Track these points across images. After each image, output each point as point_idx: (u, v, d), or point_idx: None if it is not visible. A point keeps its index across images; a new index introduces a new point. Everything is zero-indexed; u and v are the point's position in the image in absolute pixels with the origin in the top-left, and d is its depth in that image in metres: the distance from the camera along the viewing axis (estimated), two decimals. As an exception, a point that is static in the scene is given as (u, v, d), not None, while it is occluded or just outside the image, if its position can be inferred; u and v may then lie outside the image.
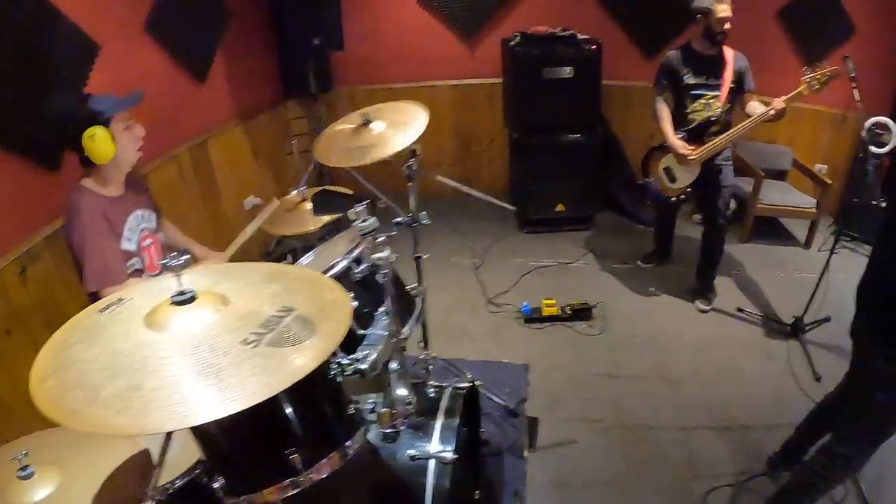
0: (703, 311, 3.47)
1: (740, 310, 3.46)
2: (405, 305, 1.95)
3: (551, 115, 3.88)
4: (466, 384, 1.95)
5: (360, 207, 1.51)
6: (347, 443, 1.22)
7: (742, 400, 2.82)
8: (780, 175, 4.39)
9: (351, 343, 1.52)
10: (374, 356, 1.42)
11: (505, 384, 2.82)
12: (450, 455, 1.60)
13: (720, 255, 3.49)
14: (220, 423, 0.83)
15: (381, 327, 1.59)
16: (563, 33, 3.80)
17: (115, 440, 1.29)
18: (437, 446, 1.63)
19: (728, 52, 3.12)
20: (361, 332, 1.59)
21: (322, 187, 2.40)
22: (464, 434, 1.88)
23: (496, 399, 2.66)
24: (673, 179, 3.35)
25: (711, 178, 3.27)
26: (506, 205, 2.65)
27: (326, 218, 2.46)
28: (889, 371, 1.67)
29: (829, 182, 3.95)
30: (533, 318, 3.36)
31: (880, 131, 4.02)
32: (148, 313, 0.95)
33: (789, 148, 4.36)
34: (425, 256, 2.52)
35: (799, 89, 2.87)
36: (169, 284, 0.96)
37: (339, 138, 2.18)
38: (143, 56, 2.91)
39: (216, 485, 1.12)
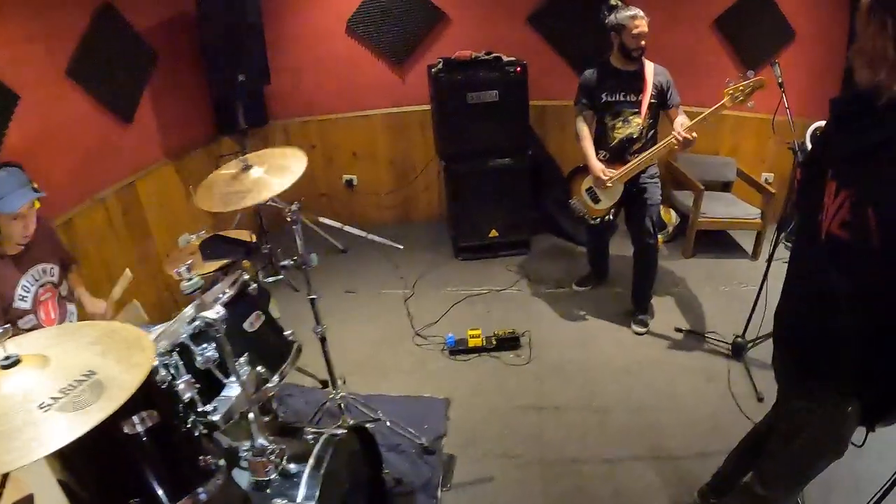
0: (639, 334, 3.31)
1: (679, 330, 3.30)
2: (275, 354, 1.84)
3: (479, 141, 3.78)
4: (343, 430, 1.87)
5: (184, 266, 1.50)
6: (199, 490, 1.33)
7: (676, 427, 2.65)
8: (726, 186, 4.28)
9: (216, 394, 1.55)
10: (224, 409, 1.48)
11: (424, 420, 2.70)
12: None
13: (654, 274, 3.34)
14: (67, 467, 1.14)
15: (235, 379, 1.55)
16: (487, 57, 3.73)
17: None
18: (303, 496, 1.58)
19: (648, 67, 3.01)
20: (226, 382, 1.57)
21: (215, 233, 2.34)
22: (365, 475, 1.94)
23: (410, 436, 2.51)
24: (596, 200, 3.23)
25: (636, 197, 3.15)
26: (393, 244, 2.57)
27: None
28: (811, 414, 1.49)
29: (773, 192, 3.83)
30: (458, 349, 3.19)
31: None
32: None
33: (733, 158, 4.25)
34: (353, 293, 2.46)
35: (722, 101, 2.75)
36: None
37: (219, 183, 2.15)
38: (65, 102, 2.90)
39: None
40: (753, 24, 4.01)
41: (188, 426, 1.41)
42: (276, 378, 1.75)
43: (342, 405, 2.44)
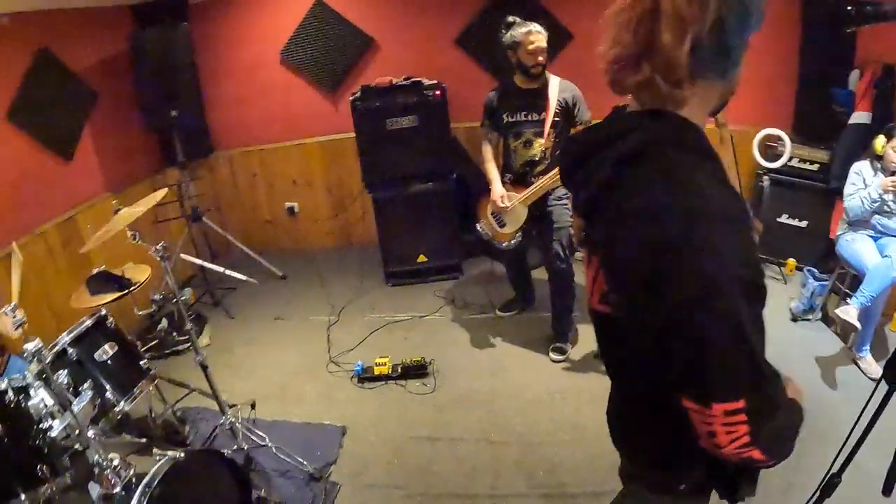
0: (556, 362, 3.19)
1: (598, 356, 3.18)
2: (126, 380, 2.14)
3: (400, 167, 3.76)
4: (182, 453, 1.91)
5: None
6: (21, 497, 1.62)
7: (575, 462, 2.53)
8: None
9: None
10: (60, 426, 1.70)
11: (318, 447, 2.70)
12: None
13: (570, 299, 3.23)
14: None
15: (78, 401, 1.76)
16: (405, 82, 3.73)
17: None
18: None
19: (553, 84, 2.90)
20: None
21: (102, 269, 2.45)
22: (233, 495, 2.02)
23: (296, 463, 2.51)
24: (502, 224, 3.16)
25: (542, 220, 3.06)
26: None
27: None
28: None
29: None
30: (364, 377, 3.13)
31: (772, 143, 3.77)
32: None
33: None
34: (281, 319, 2.52)
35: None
36: None
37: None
38: (4, 144, 3.04)
39: None
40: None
41: (33, 439, 1.68)
42: (123, 402, 2.07)
43: (233, 430, 2.50)
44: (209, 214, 4.30)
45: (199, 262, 2.60)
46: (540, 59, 2.82)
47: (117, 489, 1.70)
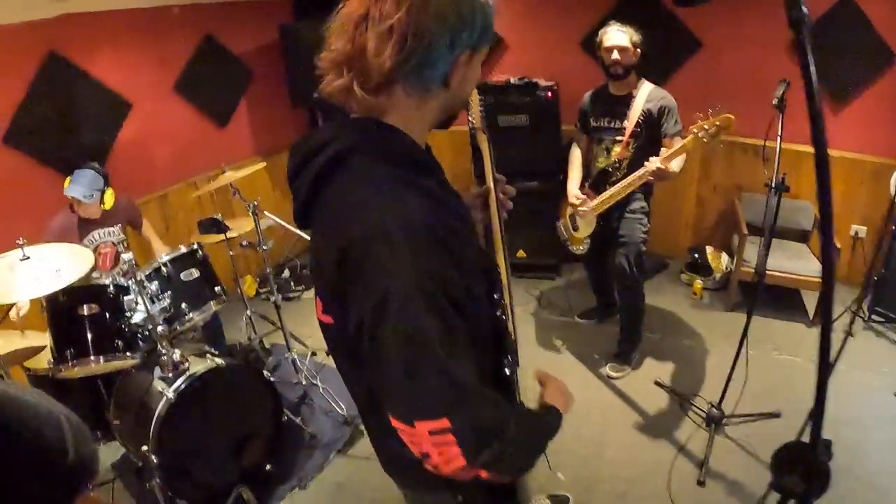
0: (611, 378, 3.08)
1: (658, 384, 2.98)
2: (200, 298, 2.65)
3: (510, 162, 3.85)
4: (225, 362, 2.40)
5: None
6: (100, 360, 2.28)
7: (577, 477, 2.48)
8: (803, 236, 3.50)
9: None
10: (140, 317, 2.39)
11: None
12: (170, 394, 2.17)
13: (635, 317, 3.09)
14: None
15: (159, 303, 2.44)
16: (519, 82, 3.80)
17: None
18: (171, 389, 2.19)
19: (642, 90, 2.74)
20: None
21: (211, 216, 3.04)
22: (266, 411, 2.48)
23: (335, 406, 2.90)
24: (575, 228, 3.12)
25: (609, 232, 2.96)
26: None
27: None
28: None
29: (839, 247, 3.07)
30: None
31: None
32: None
33: (808, 202, 3.46)
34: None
35: (684, 142, 2.47)
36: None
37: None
38: (170, 109, 3.80)
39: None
40: (841, 42, 3.23)
41: (120, 321, 2.34)
42: (193, 313, 2.58)
43: (295, 365, 3.04)
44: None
45: (279, 221, 3.04)
46: (615, 57, 2.68)
47: (170, 375, 2.25)
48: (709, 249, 3.77)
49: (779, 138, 2.21)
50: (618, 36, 2.67)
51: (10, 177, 2.93)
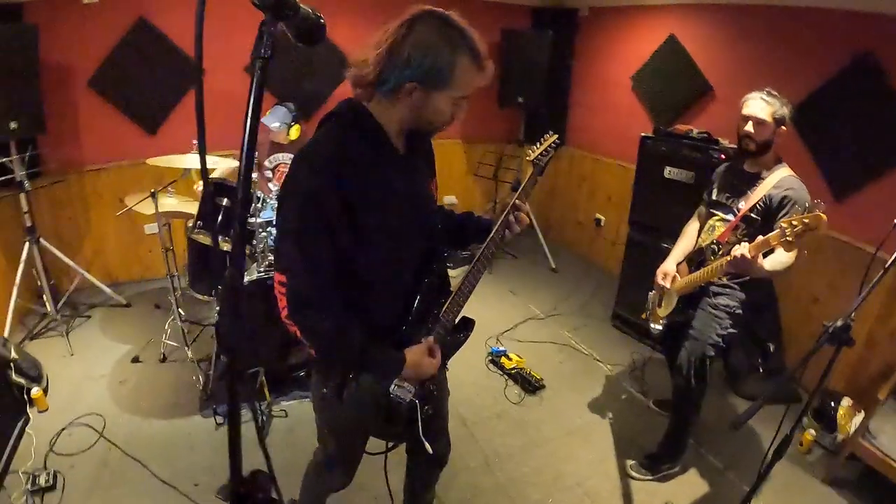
0: (631, 477, 2.75)
1: (673, 505, 2.57)
2: None
3: (664, 217, 3.53)
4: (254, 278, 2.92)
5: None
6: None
7: None
8: None
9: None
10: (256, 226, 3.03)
11: None
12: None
13: (682, 424, 2.69)
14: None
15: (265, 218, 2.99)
16: (697, 136, 3.38)
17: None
18: None
19: (775, 174, 2.31)
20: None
21: None
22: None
23: None
24: (660, 304, 2.81)
25: (684, 319, 2.61)
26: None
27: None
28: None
29: None
30: (495, 359, 3.56)
31: None
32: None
33: None
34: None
35: (768, 236, 2.04)
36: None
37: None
38: None
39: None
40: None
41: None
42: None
43: None
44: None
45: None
46: (748, 129, 2.29)
47: (261, 270, 2.92)
48: (845, 402, 2.89)
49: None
50: (758, 105, 2.28)
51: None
